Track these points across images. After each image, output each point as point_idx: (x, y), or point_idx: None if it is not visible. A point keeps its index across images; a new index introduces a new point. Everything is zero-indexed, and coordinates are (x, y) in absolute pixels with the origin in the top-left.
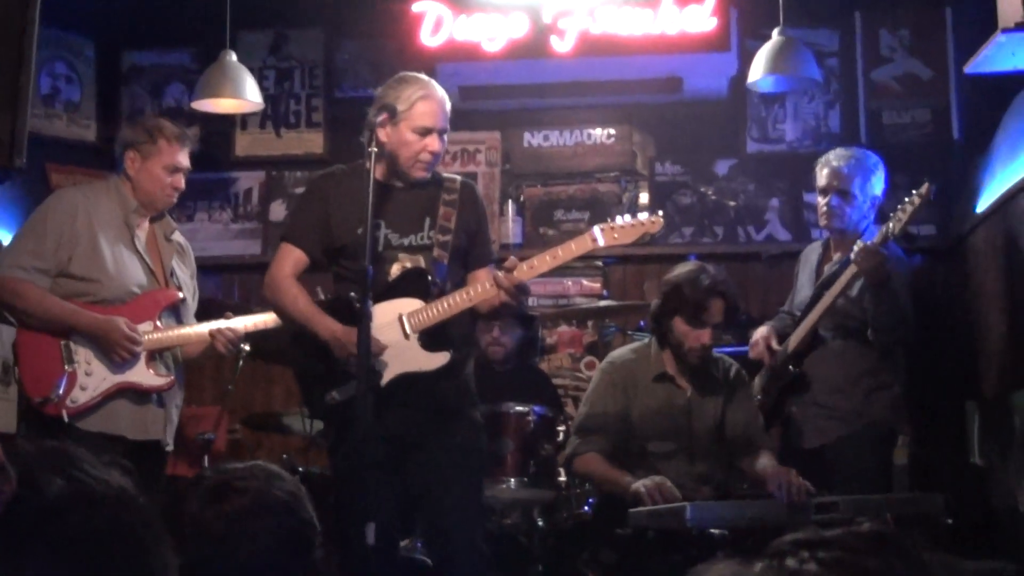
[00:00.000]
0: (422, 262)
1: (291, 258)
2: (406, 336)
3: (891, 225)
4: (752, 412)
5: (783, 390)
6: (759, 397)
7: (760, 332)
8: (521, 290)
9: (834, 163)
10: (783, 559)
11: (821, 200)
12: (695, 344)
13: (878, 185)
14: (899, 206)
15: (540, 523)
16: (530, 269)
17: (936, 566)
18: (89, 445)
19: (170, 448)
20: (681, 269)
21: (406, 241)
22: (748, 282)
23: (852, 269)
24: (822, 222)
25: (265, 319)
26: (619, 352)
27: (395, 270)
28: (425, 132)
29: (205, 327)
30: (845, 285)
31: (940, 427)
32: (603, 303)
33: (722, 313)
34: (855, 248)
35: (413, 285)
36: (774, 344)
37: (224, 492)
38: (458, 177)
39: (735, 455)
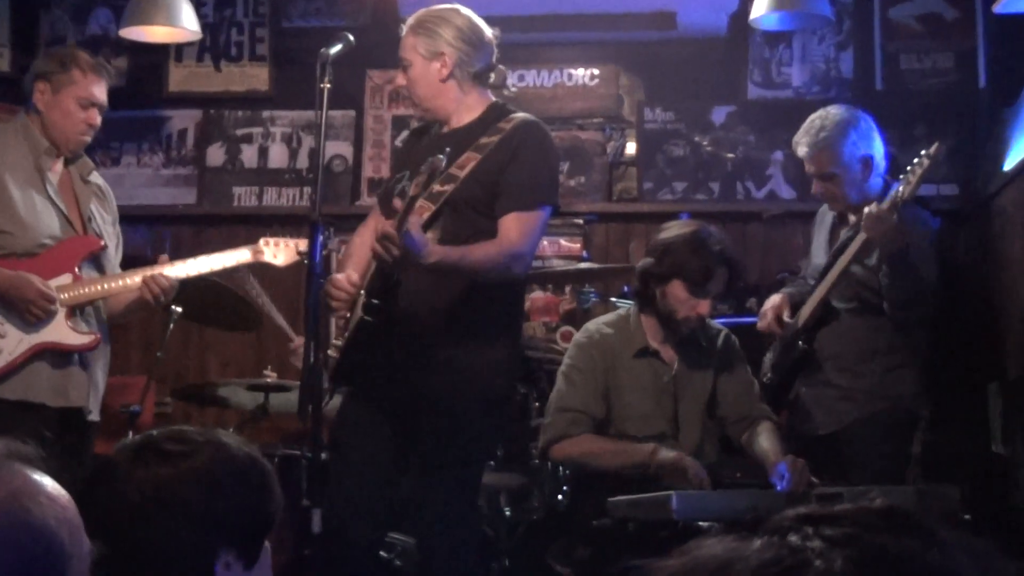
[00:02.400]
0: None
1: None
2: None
3: (900, 190)
4: (746, 381)
5: (792, 368)
6: (768, 375)
7: (771, 301)
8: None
9: (803, 148)
10: (785, 535)
11: (813, 186)
12: (691, 314)
13: (866, 144)
14: (908, 167)
15: (507, 512)
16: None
17: (958, 548)
18: (8, 416)
19: (95, 419)
20: (683, 228)
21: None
22: (746, 245)
23: (863, 236)
24: (829, 207)
25: (210, 265)
26: (595, 324)
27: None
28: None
29: (134, 274)
30: (857, 252)
31: (958, 411)
32: (583, 266)
33: (724, 283)
34: (864, 213)
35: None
36: (785, 315)
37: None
38: (520, 115)
39: (731, 431)
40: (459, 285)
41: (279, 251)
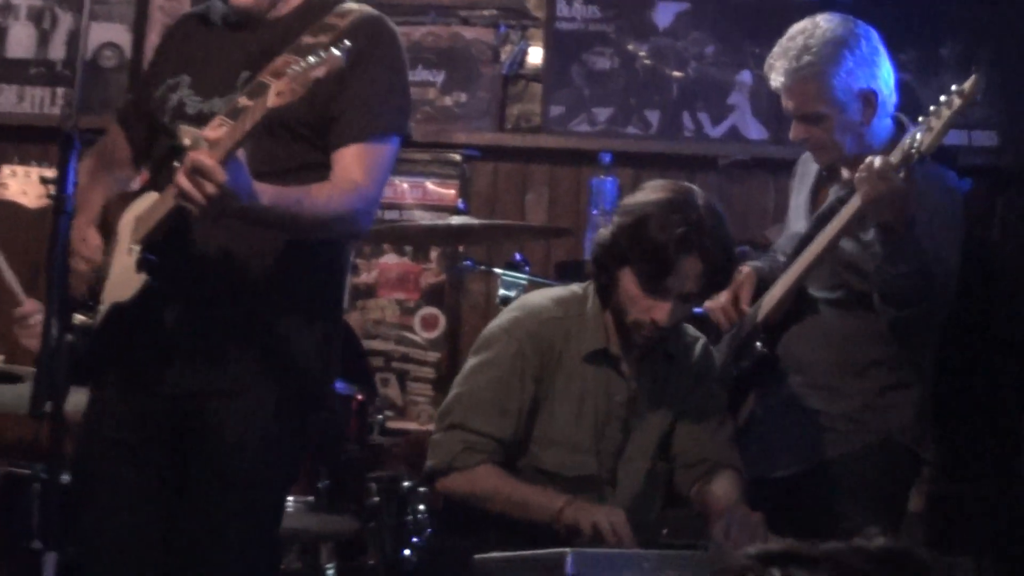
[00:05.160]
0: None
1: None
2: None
3: (917, 138)
4: (717, 414)
5: (744, 380)
6: None
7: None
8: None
9: (779, 77)
10: None
11: (792, 129)
12: (643, 318)
13: (867, 72)
14: (932, 107)
15: (329, 571)
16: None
17: None
18: None
19: None
20: (656, 192)
21: (206, 107)
22: None
23: (859, 200)
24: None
25: None
26: (537, 302)
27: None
28: None
29: None
30: (849, 222)
31: (978, 454)
32: (458, 220)
33: (698, 279)
34: (862, 166)
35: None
36: (744, 302)
37: None
38: (356, 7)
39: (681, 478)
40: (272, 240)
41: (29, 184)
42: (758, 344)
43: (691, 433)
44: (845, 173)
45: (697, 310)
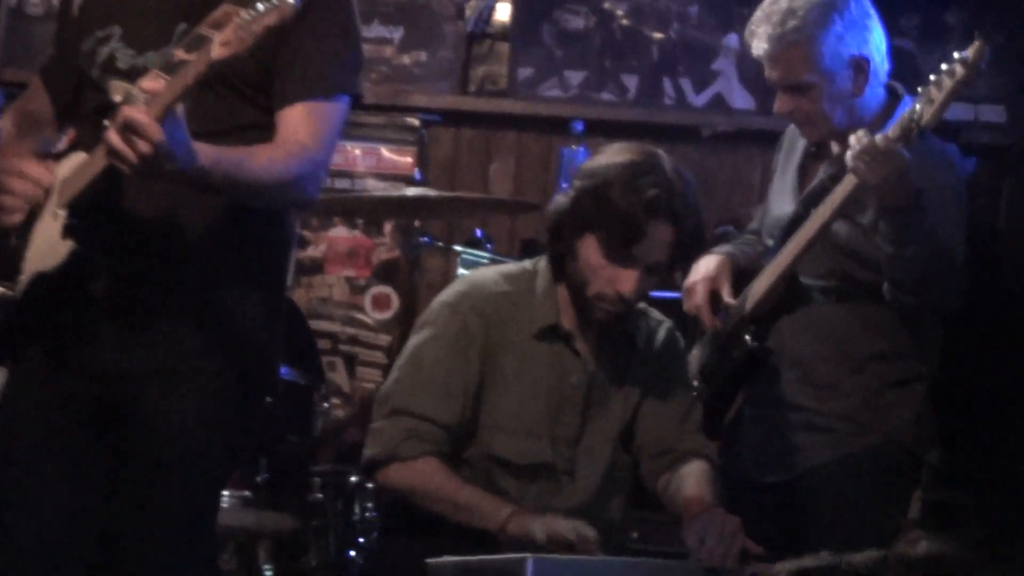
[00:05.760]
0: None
1: None
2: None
3: (917, 110)
4: (683, 400)
5: (732, 378)
6: (695, 384)
7: (703, 267)
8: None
9: (762, 44)
10: None
11: (777, 101)
12: (607, 290)
13: (857, 37)
14: (932, 77)
15: (268, 571)
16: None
17: None
18: None
19: None
20: (618, 155)
21: (139, 61)
22: None
23: (853, 179)
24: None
25: None
26: (483, 276)
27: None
28: None
29: None
30: (842, 203)
31: (985, 458)
32: (414, 191)
33: (667, 249)
34: (851, 142)
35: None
36: (725, 293)
37: None
38: None
39: (647, 469)
40: (211, 206)
41: None
42: (747, 337)
43: (656, 421)
44: (835, 148)
45: (675, 295)
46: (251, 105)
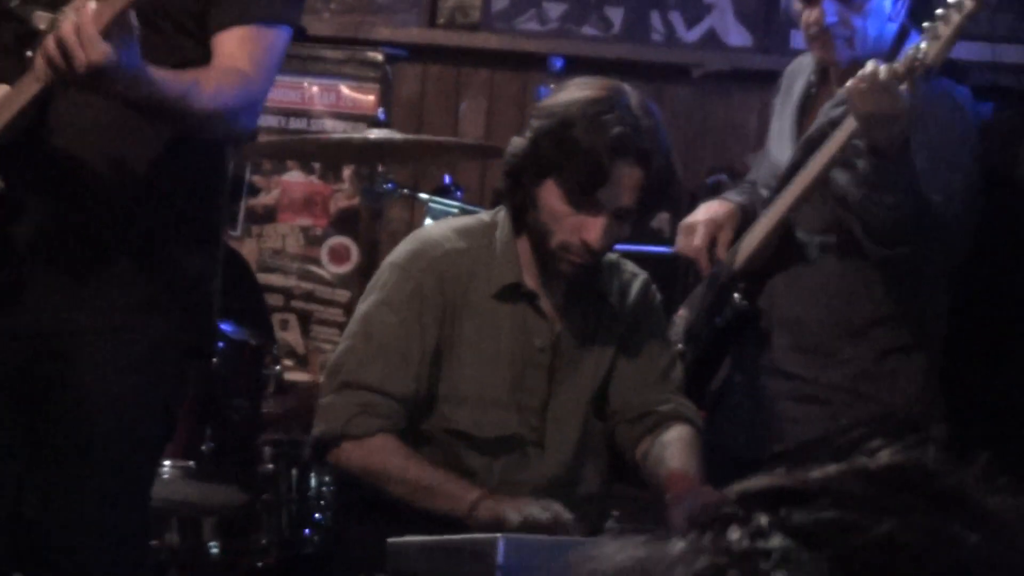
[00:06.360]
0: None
1: None
2: None
3: (922, 47)
4: (661, 357)
5: (718, 339)
6: (680, 347)
7: (710, 209)
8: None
9: None
10: (723, 530)
11: (804, 11)
12: (571, 240)
13: None
14: (938, 12)
15: (213, 550)
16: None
17: (1014, 518)
18: None
19: None
20: (581, 90)
21: None
22: (665, 119)
23: (853, 122)
24: (814, 52)
25: None
26: (436, 232)
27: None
28: None
29: None
30: (842, 148)
31: (995, 433)
32: (377, 133)
33: (635, 193)
34: (858, 74)
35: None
36: (723, 245)
37: None
38: None
39: (624, 436)
40: (147, 141)
41: None
42: (736, 296)
43: (632, 382)
44: (838, 90)
45: (665, 249)
46: (195, 41)
